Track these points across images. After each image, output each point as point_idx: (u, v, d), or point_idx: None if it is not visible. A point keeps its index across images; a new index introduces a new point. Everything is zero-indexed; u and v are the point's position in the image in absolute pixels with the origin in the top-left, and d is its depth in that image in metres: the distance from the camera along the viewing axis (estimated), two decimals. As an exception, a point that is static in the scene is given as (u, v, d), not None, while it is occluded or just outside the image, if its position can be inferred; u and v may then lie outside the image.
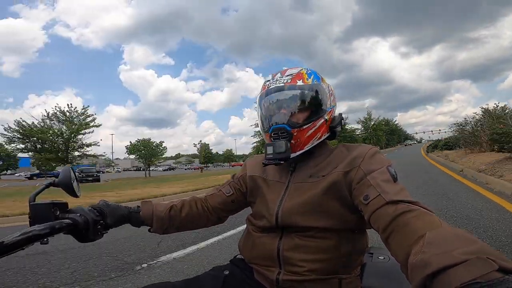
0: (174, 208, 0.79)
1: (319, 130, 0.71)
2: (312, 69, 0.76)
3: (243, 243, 0.79)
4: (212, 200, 0.84)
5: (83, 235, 0.61)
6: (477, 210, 3.56)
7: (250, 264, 0.74)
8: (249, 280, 0.73)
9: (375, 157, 0.65)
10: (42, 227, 0.50)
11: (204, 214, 0.82)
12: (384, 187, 0.55)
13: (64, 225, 0.55)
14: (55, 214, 0.58)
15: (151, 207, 0.76)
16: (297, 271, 0.64)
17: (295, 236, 0.67)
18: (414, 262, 0.37)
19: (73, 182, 0.66)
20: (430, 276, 0.33)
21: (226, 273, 0.73)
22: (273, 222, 0.69)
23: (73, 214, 0.60)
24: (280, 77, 0.73)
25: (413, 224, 0.45)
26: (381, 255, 0.81)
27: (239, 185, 0.84)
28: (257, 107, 0.78)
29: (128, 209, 0.74)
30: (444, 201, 4.21)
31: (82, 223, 0.60)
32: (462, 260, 0.32)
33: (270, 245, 0.69)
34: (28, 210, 0.57)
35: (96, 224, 0.63)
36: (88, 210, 0.63)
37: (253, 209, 0.80)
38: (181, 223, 0.80)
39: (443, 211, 3.62)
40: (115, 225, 0.70)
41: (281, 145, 0.68)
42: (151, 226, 0.76)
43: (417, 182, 6.43)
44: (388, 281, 0.69)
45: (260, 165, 0.81)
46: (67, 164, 12.97)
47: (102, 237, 0.66)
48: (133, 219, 0.74)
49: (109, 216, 0.68)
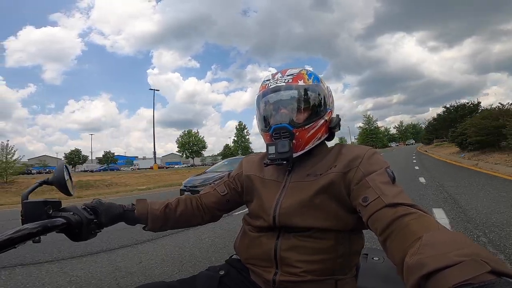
0: (169, 206, 0.78)
1: (320, 130, 0.71)
2: (311, 70, 0.76)
3: (239, 243, 0.78)
4: (207, 199, 0.83)
5: (76, 234, 0.60)
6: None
7: (246, 264, 0.74)
8: (245, 280, 0.72)
9: (373, 158, 0.65)
10: (34, 226, 0.49)
11: (198, 212, 0.82)
12: (383, 189, 0.55)
13: (57, 223, 0.54)
14: (48, 213, 0.56)
15: (146, 205, 0.76)
16: (293, 272, 0.64)
17: (292, 236, 0.66)
18: (410, 263, 0.37)
19: (67, 180, 0.64)
20: (424, 277, 0.34)
21: (222, 273, 0.72)
22: (270, 221, 0.68)
23: (67, 212, 0.59)
24: (280, 76, 0.73)
25: (411, 227, 0.45)
26: (376, 256, 0.81)
27: (235, 184, 0.84)
28: (256, 106, 0.77)
29: (122, 208, 0.73)
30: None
31: (75, 222, 0.59)
32: (457, 261, 0.32)
33: (267, 245, 0.68)
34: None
35: (89, 223, 0.62)
36: (81, 209, 0.62)
37: (250, 208, 0.79)
38: (175, 221, 0.79)
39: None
40: (109, 224, 0.69)
41: (284, 145, 0.67)
42: (146, 224, 0.75)
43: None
44: (384, 282, 0.69)
45: (256, 164, 0.81)
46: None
47: (96, 236, 0.65)
48: (127, 217, 0.73)
49: (103, 215, 0.67)
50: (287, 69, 0.76)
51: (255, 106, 0.78)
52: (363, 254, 0.82)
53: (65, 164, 0.67)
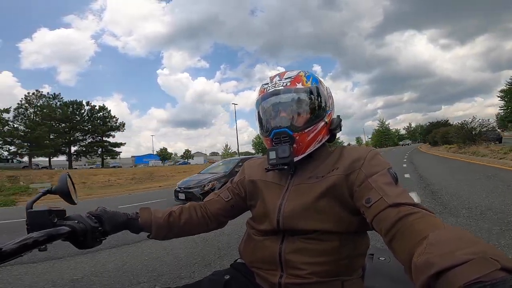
0: (173, 215, 0.78)
1: (320, 133, 0.71)
2: (310, 72, 0.76)
3: (243, 247, 0.78)
4: (211, 206, 0.83)
5: (81, 242, 0.60)
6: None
7: (251, 268, 0.74)
8: (250, 284, 0.72)
9: (375, 159, 0.65)
10: (40, 234, 0.50)
11: (203, 220, 0.82)
12: (386, 190, 0.56)
13: (62, 232, 0.55)
14: (53, 221, 0.57)
15: (150, 214, 0.75)
16: (299, 274, 0.63)
17: (296, 239, 0.66)
18: (417, 263, 0.37)
19: (70, 189, 0.65)
20: (433, 276, 0.34)
21: (227, 277, 0.72)
22: (274, 225, 0.68)
23: (71, 221, 0.60)
24: (278, 80, 0.73)
25: (415, 226, 0.46)
26: (382, 256, 0.81)
27: (238, 190, 0.84)
28: (256, 110, 0.77)
29: (126, 216, 0.73)
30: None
31: (80, 230, 0.59)
32: (465, 260, 0.32)
33: (271, 248, 0.68)
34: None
35: (94, 231, 0.62)
36: (86, 217, 0.63)
37: (253, 212, 0.79)
38: (180, 230, 0.79)
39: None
40: (113, 231, 0.68)
41: (284, 150, 0.67)
42: (150, 232, 0.75)
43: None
44: (391, 282, 0.69)
45: (258, 168, 0.81)
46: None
47: (101, 243, 0.65)
48: (131, 225, 0.73)
49: (107, 223, 0.66)
50: (285, 71, 0.75)
51: (255, 110, 0.78)
52: (369, 254, 0.81)
53: (68, 174, 0.68)
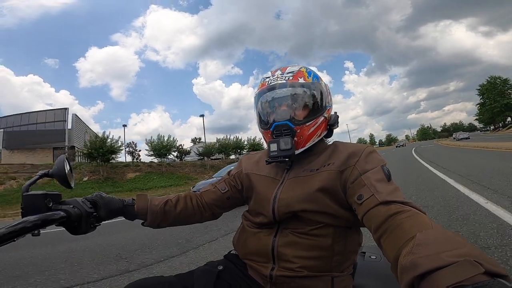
0: (169, 203, 0.79)
1: (320, 127, 0.72)
2: (311, 68, 0.76)
3: (237, 239, 0.79)
4: (207, 197, 0.84)
5: (75, 228, 0.60)
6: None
7: (244, 259, 0.74)
8: (242, 275, 0.73)
9: (370, 156, 0.65)
10: (34, 219, 0.49)
11: (198, 210, 0.82)
12: (378, 187, 0.56)
13: (57, 217, 0.54)
14: (48, 205, 0.56)
15: (146, 201, 0.76)
16: (290, 267, 0.64)
17: (290, 232, 0.67)
18: (403, 263, 0.37)
19: (67, 172, 0.64)
20: (418, 278, 0.34)
21: (220, 268, 0.73)
22: (270, 217, 0.69)
23: (66, 205, 0.59)
24: (280, 74, 0.73)
25: (404, 225, 0.45)
26: (373, 255, 0.81)
27: (235, 182, 0.84)
28: (255, 104, 0.77)
29: (122, 202, 0.73)
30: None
31: (75, 215, 0.58)
32: (450, 262, 0.32)
33: (265, 241, 0.69)
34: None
35: (89, 216, 0.62)
36: (81, 202, 0.62)
37: (250, 205, 0.80)
38: (175, 219, 0.80)
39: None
40: (109, 217, 0.69)
41: (287, 142, 0.67)
42: (145, 220, 0.76)
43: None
44: (380, 281, 0.69)
45: (255, 162, 0.82)
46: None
47: (95, 229, 0.65)
48: (127, 212, 0.74)
49: (102, 209, 0.67)
50: (287, 66, 0.76)
51: (254, 103, 0.78)
52: (361, 252, 0.82)
53: (66, 157, 0.66)
